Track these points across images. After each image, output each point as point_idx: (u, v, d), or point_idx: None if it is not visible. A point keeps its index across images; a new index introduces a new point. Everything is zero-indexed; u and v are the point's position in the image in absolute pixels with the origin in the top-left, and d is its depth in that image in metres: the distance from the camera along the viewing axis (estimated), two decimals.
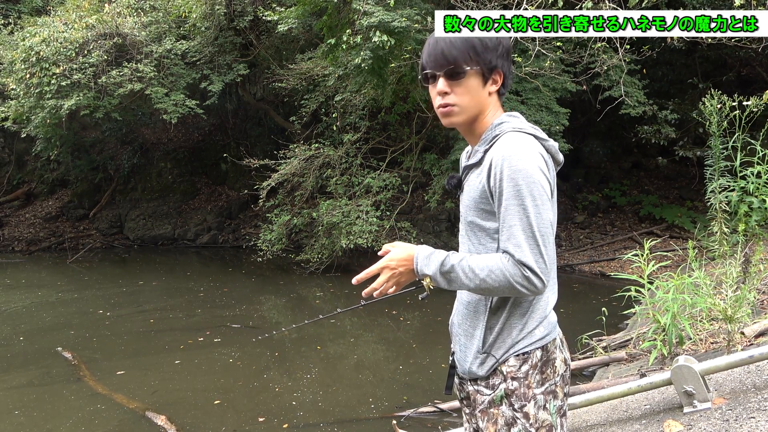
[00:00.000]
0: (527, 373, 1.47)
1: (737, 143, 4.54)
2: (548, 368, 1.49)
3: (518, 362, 1.47)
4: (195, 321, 7.87)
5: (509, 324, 1.50)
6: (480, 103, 1.52)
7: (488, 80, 1.52)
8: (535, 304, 1.50)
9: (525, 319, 1.49)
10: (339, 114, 10.64)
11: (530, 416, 1.46)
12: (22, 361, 6.36)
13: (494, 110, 1.56)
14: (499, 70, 1.52)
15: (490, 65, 1.50)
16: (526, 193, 1.38)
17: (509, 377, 1.47)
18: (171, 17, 12.03)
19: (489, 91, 1.53)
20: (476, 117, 1.55)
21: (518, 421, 1.46)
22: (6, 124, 12.22)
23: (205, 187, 15.78)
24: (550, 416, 1.48)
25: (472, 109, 1.52)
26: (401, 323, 7.69)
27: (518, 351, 1.48)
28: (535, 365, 1.48)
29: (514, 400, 1.47)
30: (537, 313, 1.51)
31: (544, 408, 1.47)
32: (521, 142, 1.43)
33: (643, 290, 4.24)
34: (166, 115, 10.94)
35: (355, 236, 9.17)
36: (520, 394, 1.46)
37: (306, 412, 4.85)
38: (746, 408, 2.59)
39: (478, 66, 1.49)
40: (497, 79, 1.53)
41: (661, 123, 9.54)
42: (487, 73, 1.51)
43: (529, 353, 1.48)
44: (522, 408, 1.46)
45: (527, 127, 1.50)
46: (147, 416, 4.76)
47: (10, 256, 13.89)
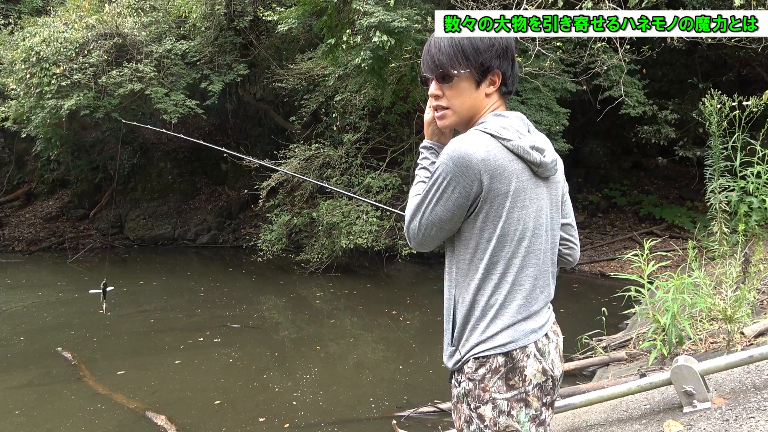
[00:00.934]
0: (483, 376, 1.46)
1: (737, 143, 4.54)
2: (515, 375, 1.46)
3: (475, 365, 1.47)
4: (195, 321, 7.87)
5: (471, 323, 1.50)
6: (473, 104, 1.54)
7: (483, 82, 1.52)
8: (499, 309, 1.47)
9: (486, 321, 1.47)
10: (339, 114, 10.64)
11: (485, 418, 1.45)
12: (22, 361, 6.36)
13: (494, 111, 1.55)
14: (497, 71, 1.51)
15: (483, 67, 1.50)
16: (437, 172, 1.46)
17: (467, 378, 1.49)
18: (171, 17, 12.03)
19: (486, 92, 1.53)
20: (471, 118, 1.56)
21: (474, 421, 1.47)
22: (6, 124, 12.22)
23: (205, 187, 15.78)
24: (518, 423, 1.46)
25: (465, 111, 1.54)
26: (401, 323, 7.69)
27: (476, 354, 1.47)
28: (495, 370, 1.45)
29: (470, 401, 1.48)
30: (501, 319, 1.47)
31: (507, 414, 1.45)
32: (470, 136, 1.45)
33: (643, 290, 4.24)
34: (166, 115, 10.94)
35: (355, 236, 9.17)
36: (474, 395, 1.47)
37: (306, 412, 4.85)
38: (746, 408, 2.59)
39: (468, 69, 1.50)
40: (495, 79, 1.52)
41: (661, 123, 9.54)
42: (479, 75, 1.51)
43: (488, 357, 1.46)
44: (476, 409, 1.47)
45: (495, 127, 1.46)
46: (147, 416, 4.76)
47: (10, 256, 13.89)
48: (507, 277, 1.47)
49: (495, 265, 1.47)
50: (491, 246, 1.46)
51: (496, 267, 1.47)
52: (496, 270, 1.48)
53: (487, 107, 1.55)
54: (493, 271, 1.48)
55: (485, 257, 1.47)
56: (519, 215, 1.46)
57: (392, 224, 9.80)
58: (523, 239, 1.47)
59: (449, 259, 1.57)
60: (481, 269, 1.48)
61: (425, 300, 8.61)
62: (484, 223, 1.46)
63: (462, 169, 1.41)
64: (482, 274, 1.48)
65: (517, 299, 1.48)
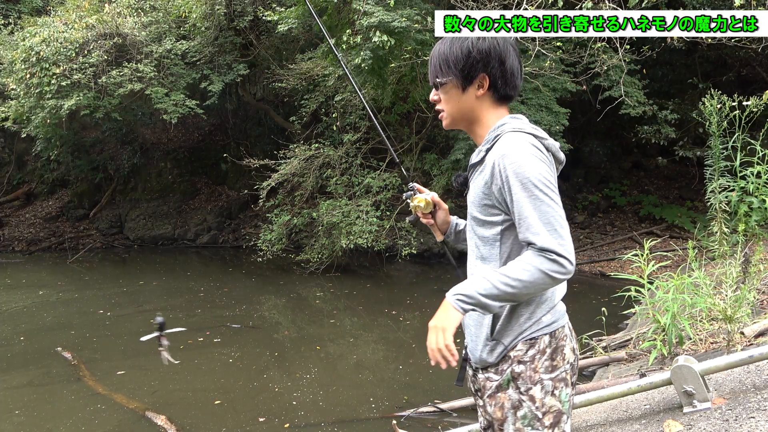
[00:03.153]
0: (533, 357, 1.52)
1: (737, 143, 4.54)
2: (558, 355, 1.54)
3: (525, 347, 1.52)
4: (195, 321, 7.87)
5: (517, 312, 1.54)
6: (465, 108, 1.61)
7: (469, 86, 1.59)
8: (543, 294, 1.54)
9: (532, 307, 1.54)
10: (339, 114, 10.64)
11: (536, 399, 1.50)
12: (22, 361, 6.36)
13: (493, 112, 1.62)
14: (482, 74, 1.57)
15: (464, 73, 1.57)
16: (532, 186, 1.43)
17: (515, 360, 1.52)
18: (171, 17, 12.03)
19: (476, 95, 1.59)
20: (469, 120, 1.64)
21: (524, 404, 1.51)
22: (6, 124, 12.21)
23: (205, 187, 15.78)
24: (560, 403, 1.52)
25: (456, 113, 1.63)
26: (401, 323, 7.69)
27: (526, 336, 1.53)
28: (543, 350, 1.52)
29: (520, 383, 1.52)
30: (545, 303, 1.56)
31: (552, 394, 1.51)
32: (519, 140, 1.49)
33: (643, 290, 4.24)
34: (166, 115, 10.94)
35: (355, 236, 9.17)
36: (525, 377, 1.51)
37: (306, 412, 4.85)
38: (746, 408, 2.59)
39: (450, 77, 1.58)
40: (483, 83, 1.58)
41: (661, 123, 9.53)
42: (464, 81, 1.58)
43: (537, 338, 1.53)
44: (528, 391, 1.51)
45: (527, 127, 1.55)
46: (147, 416, 4.76)
47: (10, 256, 13.88)
48: None
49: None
50: None
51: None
52: None
53: (482, 109, 1.61)
54: None
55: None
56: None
57: (392, 224, 9.80)
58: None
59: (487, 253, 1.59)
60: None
61: (425, 300, 8.61)
62: None
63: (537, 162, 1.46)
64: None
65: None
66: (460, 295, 1.46)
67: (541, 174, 1.44)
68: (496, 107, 1.62)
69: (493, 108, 1.61)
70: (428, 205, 1.93)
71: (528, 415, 1.50)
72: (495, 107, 1.61)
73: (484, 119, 1.61)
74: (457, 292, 1.47)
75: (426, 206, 1.93)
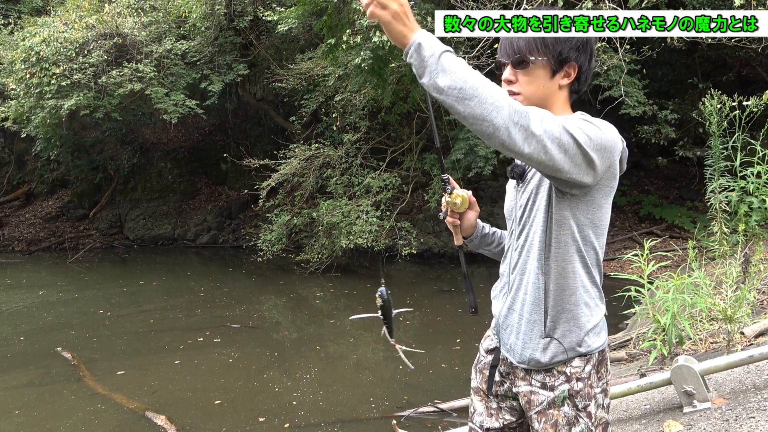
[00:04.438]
0: (590, 373, 1.48)
1: (737, 143, 4.54)
2: (602, 368, 1.51)
3: (582, 363, 1.47)
4: (195, 321, 7.87)
5: (576, 313, 1.47)
6: (546, 94, 1.48)
7: (558, 72, 1.47)
8: (598, 296, 1.52)
9: (591, 312, 1.49)
10: (339, 114, 10.64)
11: (593, 415, 1.47)
12: (22, 361, 6.36)
13: (564, 104, 1.52)
14: (573, 63, 1.47)
15: (560, 57, 1.45)
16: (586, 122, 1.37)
17: (574, 378, 1.47)
18: (171, 17, 12.03)
19: (560, 83, 1.49)
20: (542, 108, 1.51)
21: (581, 421, 1.46)
22: (6, 124, 12.22)
23: (205, 187, 15.78)
24: (606, 413, 1.52)
25: (536, 100, 1.46)
26: (401, 323, 7.68)
27: (584, 352, 1.47)
28: (595, 365, 1.50)
29: (578, 401, 1.46)
30: (600, 307, 1.52)
31: (602, 407, 1.51)
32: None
33: (643, 290, 4.23)
34: (166, 115, 10.94)
35: (355, 236, 9.17)
36: (584, 394, 1.47)
37: (306, 412, 4.85)
38: (746, 408, 2.59)
39: (545, 57, 1.45)
40: (570, 72, 1.48)
41: (661, 123, 9.53)
42: (556, 64, 1.46)
43: (591, 354, 1.49)
44: (586, 408, 1.47)
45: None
46: (147, 416, 4.76)
47: (10, 256, 13.89)
48: (597, 266, 1.52)
49: (590, 251, 1.49)
50: (590, 232, 1.48)
51: (590, 253, 1.49)
52: (590, 256, 1.49)
53: (559, 100, 1.51)
54: (588, 257, 1.49)
55: (587, 241, 1.48)
56: (609, 206, 1.50)
57: (392, 224, 9.80)
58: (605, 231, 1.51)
59: (535, 243, 1.49)
60: (578, 254, 1.48)
61: (425, 300, 8.61)
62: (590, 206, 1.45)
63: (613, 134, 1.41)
64: (579, 258, 1.48)
65: (599, 284, 1.54)
66: (424, 39, 1.26)
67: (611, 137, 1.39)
68: (568, 100, 1.53)
69: (566, 100, 1.53)
70: (464, 202, 1.73)
71: (584, 430, 1.46)
72: (567, 100, 1.53)
73: (555, 110, 1.48)
74: (426, 37, 1.27)
75: (462, 204, 1.72)
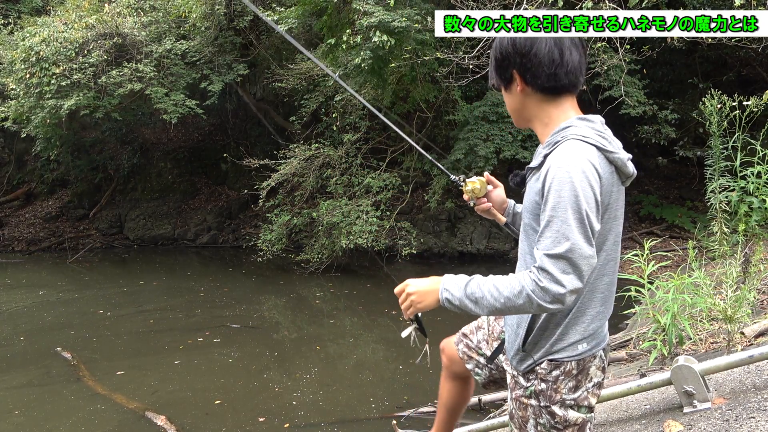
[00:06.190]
0: (557, 378, 1.52)
1: (737, 143, 4.54)
2: (582, 376, 1.54)
3: (549, 367, 1.53)
4: (195, 321, 7.87)
5: (548, 331, 1.53)
6: (519, 106, 1.55)
7: (510, 85, 1.54)
8: (577, 316, 1.50)
9: (563, 328, 1.51)
10: (339, 114, 10.64)
11: (556, 415, 1.53)
12: (22, 361, 6.36)
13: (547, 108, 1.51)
14: (512, 70, 1.50)
15: (500, 73, 1.55)
16: (568, 207, 1.33)
17: (539, 378, 1.54)
18: (171, 17, 12.02)
19: (518, 92, 1.52)
20: (526, 118, 1.57)
21: (544, 416, 1.55)
22: (6, 124, 12.21)
23: (205, 187, 15.78)
24: (583, 415, 1.54)
25: (512, 112, 1.60)
26: (401, 323, 7.67)
27: (553, 358, 1.52)
28: (568, 373, 1.52)
29: (541, 399, 1.55)
30: (580, 326, 1.51)
31: (573, 408, 1.53)
32: (577, 155, 1.37)
33: (643, 290, 4.23)
34: (166, 115, 10.93)
35: (355, 236, 9.17)
36: (546, 395, 1.54)
37: (306, 412, 4.85)
38: (746, 408, 2.59)
39: (494, 79, 1.58)
40: (516, 78, 1.50)
41: (661, 123, 9.53)
42: (503, 81, 1.55)
43: (563, 362, 1.52)
44: (546, 408, 1.54)
45: (593, 136, 1.42)
46: (147, 416, 4.76)
47: (10, 256, 13.89)
48: (588, 285, 1.48)
49: None
50: None
51: None
52: None
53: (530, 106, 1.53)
54: None
55: None
56: (609, 225, 1.47)
57: (392, 224, 9.80)
58: (606, 247, 1.49)
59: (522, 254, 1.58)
60: None
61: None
62: None
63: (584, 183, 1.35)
64: None
65: (594, 306, 1.52)
66: (449, 294, 1.45)
67: (584, 198, 1.33)
68: (548, 101, 1.50)
69: (545, 103, 1.50)
70: (484, 186, 1.76)
71: (547, 425, 1.55)
72: (546, 102, 1.50)
73: (540, 116, 1.51)
74: (448, 289, 1.45)
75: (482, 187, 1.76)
